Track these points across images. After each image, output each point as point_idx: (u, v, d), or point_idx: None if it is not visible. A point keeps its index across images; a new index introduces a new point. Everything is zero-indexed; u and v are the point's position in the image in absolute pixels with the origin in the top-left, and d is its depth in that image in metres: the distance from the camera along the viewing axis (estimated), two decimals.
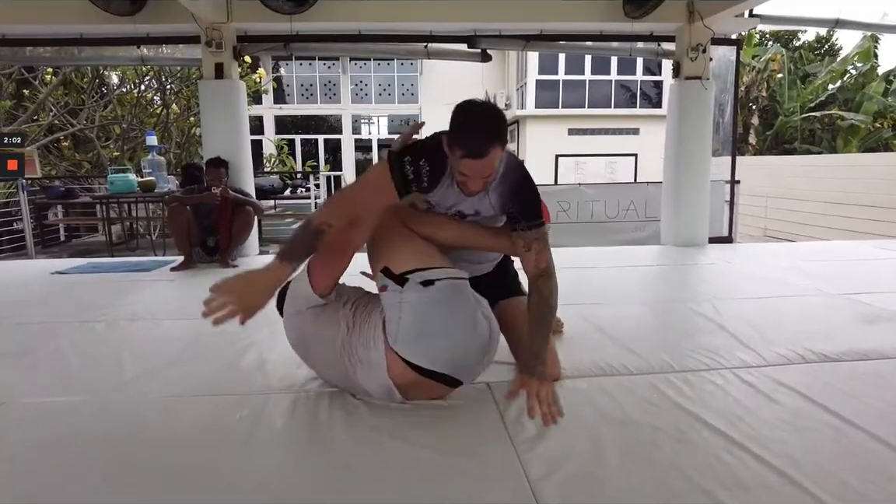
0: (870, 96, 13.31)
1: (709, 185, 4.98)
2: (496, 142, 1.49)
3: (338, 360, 1.67)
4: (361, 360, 1.63)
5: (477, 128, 1.49)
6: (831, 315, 2.66)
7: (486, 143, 1.47)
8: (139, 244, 6.93)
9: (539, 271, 1.68)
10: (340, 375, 1.72)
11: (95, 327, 2.63)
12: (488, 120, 1.50)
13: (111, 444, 1.54)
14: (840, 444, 1.49)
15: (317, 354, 1.76)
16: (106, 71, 10.03)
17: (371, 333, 1.62)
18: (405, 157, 1.60)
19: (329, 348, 1.68)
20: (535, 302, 1.68)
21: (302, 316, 1.73)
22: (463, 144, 1.48)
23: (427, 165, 1.59)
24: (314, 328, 1.71)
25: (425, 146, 1.63)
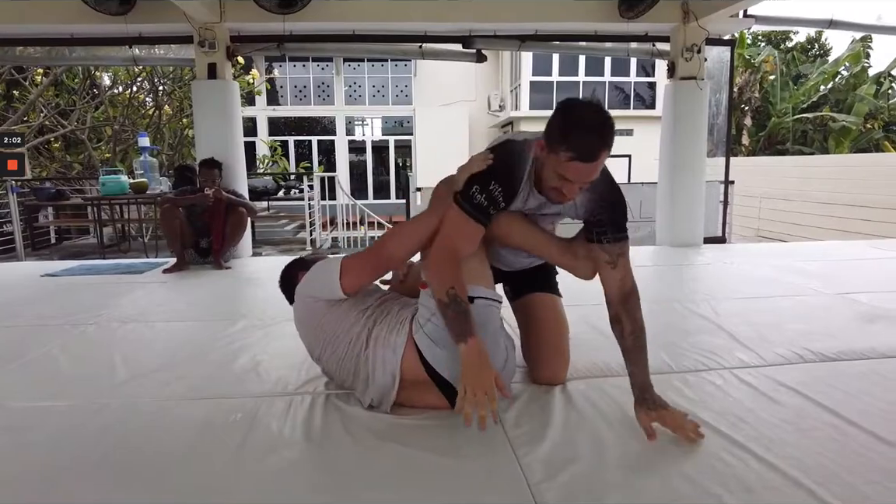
0: (861, 97, 13.43)
1: (704, 185, 4.98)
2: (607, 145, 1.39)
3: (349, 339, 1.65)
4: (379, 338, 1.62)
5: (591, 129, 1.38)
6: (828, 314, 2.66)
7: (599, 146, 1.38)
8: (131, 246, 6.88)
9: (625, 292, 1.58)
10: (341, 359, 1.68)
11: (86, 330, 2.59)
12: (601, 121, 1.39)
13: (103, 448, 1.51)
14: (843, 444, 1.47)
15: (325, 329, 1.70)
16: (97, 72, 9.95)
17: (400, 319, 1.64)
18: (472, 188, 1.53)
19: (343, 324, 1.66)
20: (630, 330, 1.56)
21: (316, 300, 1.72)
22: (574, 146, 1.37)
23: (499, 186, 1.53)
24: (328, 305, 1.69)
25: (492, 165, 1.55)
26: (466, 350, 1.44)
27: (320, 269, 1.72)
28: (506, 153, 1.57)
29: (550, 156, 1.44)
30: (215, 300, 3.27)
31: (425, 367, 1.58)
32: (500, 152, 1.58)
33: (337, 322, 1.68)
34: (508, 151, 1.57)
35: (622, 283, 1.58)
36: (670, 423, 1.46)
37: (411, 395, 1.64)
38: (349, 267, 1.65)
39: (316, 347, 1.76)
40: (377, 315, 1.67)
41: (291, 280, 1.88)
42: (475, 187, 1.53)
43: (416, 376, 1.59)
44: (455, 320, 1.46)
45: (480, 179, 1.53)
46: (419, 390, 1.62)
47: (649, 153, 7.67)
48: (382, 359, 1.61)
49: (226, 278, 3.87)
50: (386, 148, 18.44)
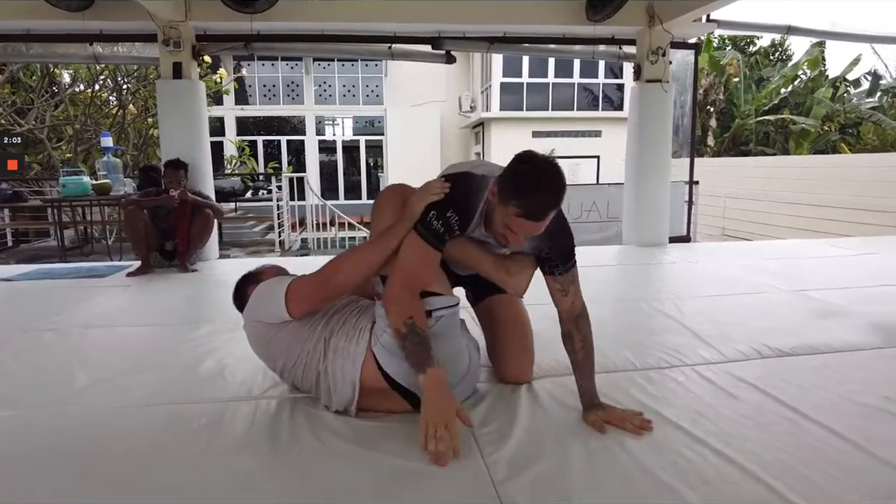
0: (818, 100, 13.88)
1: (669, 185, 5.08)
2: (558, 206, 1.46)
3: (305, 351, 1.63)
4: (338, 349, 1.60)
5: (544, 191, 1.43)
6: (786, 311, 2.74)
7: (549, 209, 1.44)
8: (94, 249, 6.69)
9: (576, 314, 1.67)
10: (301, 372, 1.66)
11: (44, 336, 2.52)
12: (556, 185, 1.44)
13: (62, 458, 1.47)
14: (797, 437, 1.52)
15: (278, 347, 1.68)
16: (57, 69, 9.65)
17: (358, 329, 1.62)
18: (430, 214, 1.55)
19: (296, 340, 1.64)
20: (581, 346, 1.66)
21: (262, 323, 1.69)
22: (524, 205, 1.42)
23: (456, 215, 1.56)
24: (277, 325, 1.66)
25: (449, 194, 1.57)
26: (426, 381, 1.43)
27: (266, 294, 1.66)
28: (465, 184, 1.60)
29: (500, 206, 1.48)
30: (181, 304, 3.21)
31: (385, 377, 1.57)
32: (461, 183, 1.60)
33: (289, 339, 1.65)
34: (468, 184, 1.60)
35: (573, 306, 1.67)
36: (617, 421, 1.56)
37: (374, 402, 1.63)
38: (297, 294, 1.60)
39: (272, 363, 1.74)
40: (333, 324, 1.64)
41: (244, 295, 1.81)
42: (433, 213, 1.55)
43: (377, 385, 1.59)
44: (414, 352, 1.45)
45: (438, 207, 1.56)
46: (381, 398, 1.61)
47: (617, 154, 7.81)
48: (342, 369, 1.59)
49: (192, 281, 3.80)
50: (357, 148, 18.35)
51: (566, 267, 1.66)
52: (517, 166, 1.47)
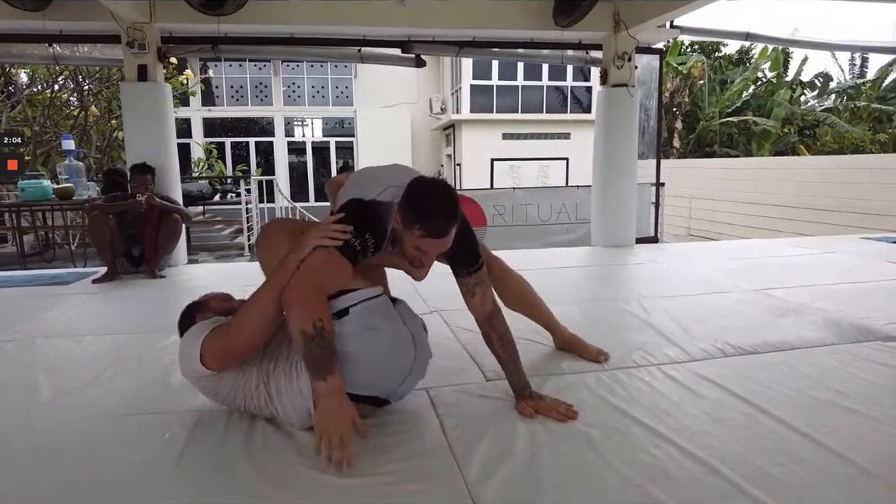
0: (778, 103, 14.33)
1: (636, 187, 5.20)
2: (455, 221, 1.57)
3: (249, 395, 1.59)
4: (281, 391, 1.55)
5: (439, 212, 1.54)
6: (747, 310, 2.85)
7: (449, 225, 1.56)
8: (56, 255, 6.51)
9: (488, 313, 1.77)
10: (254, 409, 1.64)
11: (5, 347, 2.45)
12: (449, 203, 1.56)
13: (26, 472, 1.44)
14: (754, 431, 1.60)
15: (220, 393, 1.64)
16: (13, 69, 9.34)
17: (293, 363, 1.55)
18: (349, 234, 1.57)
19: (235, 385, 1.59)
20: (500, 344, 1.77)
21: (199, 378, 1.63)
22: (426, 227, 1.53)
23: (372, 238, 1.62)
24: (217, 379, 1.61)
25: (364, 219, 1.62)
26: (326, 389, 1.38)
27: (186, 351, 1.59)
28: (376, 211, 1.65)
29: (406, 231, 1.57)
30: (149, 311, 3.15)
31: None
32: (373, 210, 1.65)
33: (230, 385, 1.60)
34: (378, 211, 1.65)
35: (483, 306, 1.77)
36: (544, 409, 1.69)
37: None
38: (211, 355, 1.53)
39: (227, 404, 1.69)
40: (266, 366, 1.58)
41: (190, 325, 1.71)
42: (352, 232, 1.56)
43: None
44: (318, 357, 1.39)
45: (356, 229, 1.58)
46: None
47: (586, 155, 7.94)
48: (293, 406, 1.55)
49: (160, 288, 3.74)
50: (327, 149, 18.22)
51: (472, 269, 1.76)
52: (413, 194, 1.57)
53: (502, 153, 16.22)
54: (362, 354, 1.52)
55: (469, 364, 2.12)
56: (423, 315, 2.68)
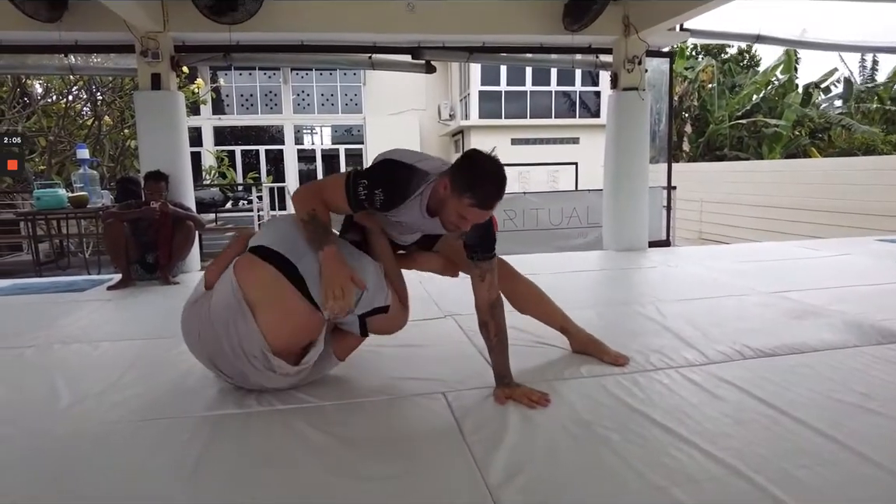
0: (789, 105, 14.23)
1: (647, 191, 5.17)
2: (502, 196, 1.68)
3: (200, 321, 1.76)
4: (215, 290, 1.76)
5: (493, 183, 1.64)
6: (764, 312, 2.82)
7: (496, 199, 1.66)
8: (70, 262, 6.57)
9: (491, 301, 1.86)
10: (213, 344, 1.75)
11: (24, 353, 2.47)
12: (501, 178, 1.66)
13: (48, 477, 1.45)
14: (776, 433, 1.57)
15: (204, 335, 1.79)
16: (28, 80, 9.48)
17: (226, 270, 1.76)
18: (362, 179, 1.70)
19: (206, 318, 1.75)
20: (495, 333, 1.86)
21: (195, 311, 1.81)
22: (477, 196, 1.62)
23: (382, 195, 1.70)
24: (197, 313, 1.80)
25: (387, 178, 1.73)
26: (324, 255, 1.66)
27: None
28: (404, 175, 1.75)
29: (454, 198, 1.65)
30: (164, 317, 3.16)
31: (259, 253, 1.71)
32: (400, 172, 1.75)
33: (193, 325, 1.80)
34: (406, 175, 1.75)
35: (489, 293, 1.86)
36: (518, 396, 1.79)
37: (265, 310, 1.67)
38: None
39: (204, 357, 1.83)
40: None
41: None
42: (363, 182, 1.70)
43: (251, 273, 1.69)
44: (314, 233, 1.69)
45: (372, 180, 1.71)
46: (268, 295, 1.67)
47: (595, 160, 7.91)
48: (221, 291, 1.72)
49: (174, 294, 3.75)
50: (336, 156, 18.31)
51: (487, 255, 1.85)
52: (467, 164, 1.66)
53: (511, 159, 16.16)
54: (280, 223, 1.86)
55: (485, 368, 2.11)
56: (436, 319, 2.70)
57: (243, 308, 1.65)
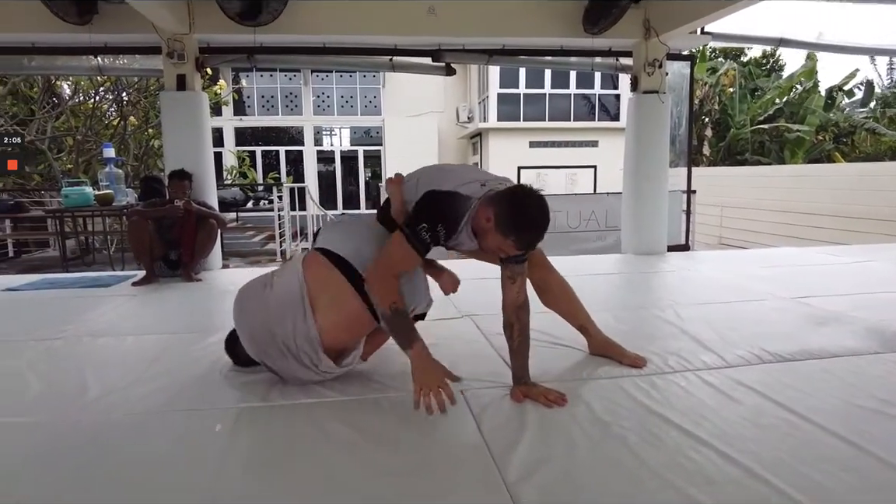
0: (812, 110, 14.02)
1: (667, 195, 5.15)
2: (544, 237, 1.73)
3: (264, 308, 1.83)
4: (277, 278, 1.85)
5: (537, 229, 1.69)
6: (784, 318, 2.79)
7: (538, 240, 1.73)
8: (95, 259, 6.72)
9: (519, 303, 1.87)
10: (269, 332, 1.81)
11: (54, 345, 2.55)
12: (546, 223, 1.70)
13: (77, 466, 1.50)
14: (796, 437, 1.57)
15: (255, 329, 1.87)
16: (57, 81, 9.71)
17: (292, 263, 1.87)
18: (420, 225, 1.72)
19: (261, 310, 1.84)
20: (518, 334, 1.88)
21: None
22: (521, 241, 1.70)
23: (443, 228, 1.74)
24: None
25: (440, 212, 1.75)
26: (414, 354, 1.70)
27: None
28: (454, 204, 1.77)
29: (497, 234, 1.69)
30: (188, 313, 3.24)
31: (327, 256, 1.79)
32: (450, 202, 1.77)
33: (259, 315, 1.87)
34: (456, 204, 1.77)
35: (519, 295, 1.88)
36: (536, 395, 1.81)
37: (326, 313, 1.75)
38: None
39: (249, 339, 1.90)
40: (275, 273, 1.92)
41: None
42: (424, 225, 1.71)
43: (317, 273, 1.76)
44: (401, 330, 1.71)
45: (430, 220, 1.72)
46: (333, 296, 1.75)
47: (614, 163, 7.90)
48: (283, 279, 1.81)
49: (197, 291, 3.83)
50: (355, 158, 18.43)
51: (521, 258, 1.85)
52: (516, 205, 1.68)
53: (529, 161, 16.21)
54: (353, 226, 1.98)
55: (503, 368, 2.12)
56: (454, 319, 2.72)
57: (306, 305, 1.74)
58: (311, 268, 1.81)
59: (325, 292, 1.77)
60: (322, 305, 1.76)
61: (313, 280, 1.78)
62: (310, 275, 1.79)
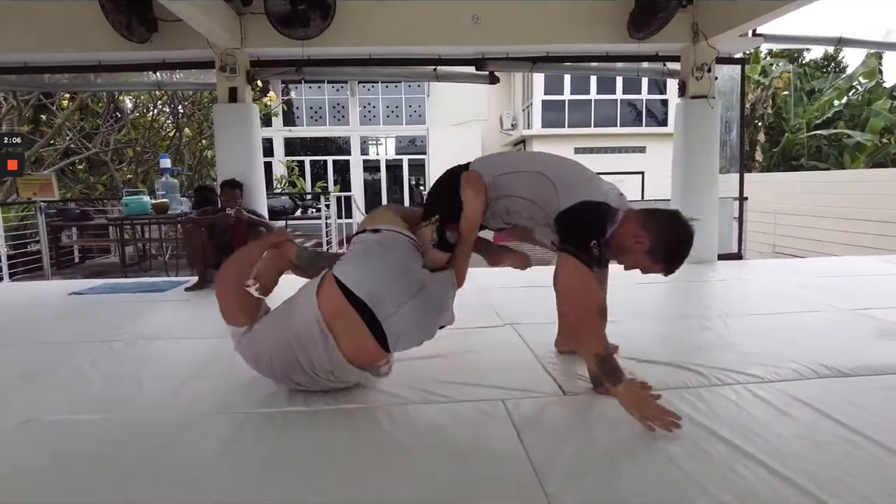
0: (876, 112, 13.34)
1: (717, 202, 5.00)
2: None
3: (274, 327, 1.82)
4: (295, 302, 1.82)
5: (685, 258, 1.79)
6: (844, 330, 2.66)
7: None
8: (151, 265, 7.01)
9: (553, 283, 1.78)
10: (281, 356, 1.81)
11: (114, 346, 2.68)
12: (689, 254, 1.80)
13: (134, 460, 1.57)
14: (858, 458, 1.49)
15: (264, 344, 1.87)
16: (120, 96, 10.24)
17: (314, 281, 1.81)
18: (591, 241, 1.72)
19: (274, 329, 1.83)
20: (560, 313, 1.95)
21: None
22: (670, 269, 1.81)
23: (605, 238, 1.78)
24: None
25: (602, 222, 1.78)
26: (623, 388, 1.63)
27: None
28: (607, 216, 1.80)
29: (646, 258, 1.79)
30: None
31: (340, 287, 1.71)
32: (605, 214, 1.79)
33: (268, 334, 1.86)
34: (608, 215, 1.80)
35: (553, 278, 1.78)
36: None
37: (344, 341, 1.72)
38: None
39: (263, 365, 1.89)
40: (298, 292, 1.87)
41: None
42: (594, 243, 1.72)
43: (334, 305, 1.71)
44: (612, 370, 1.65)
45: (598, 235, 1.74)
46: (348, 332, 1.71)
47: (662, 170, 7.70)
48: (298, 309, 1.77)
49: None
50: (400, 167, 18.63)
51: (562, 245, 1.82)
52: (676, 236, 1.78)
53: None
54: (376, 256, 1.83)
55: (544, 377, 2.11)
56: (496, 328, 2.71)
57: (326, 334, 1.72)
58: (326, 304, 1.73)
59: (338, 321, 1.72)
60: (339, 332, 1.72)
61: (326, 308, 1.73)
62: (325, 310, 1.72)
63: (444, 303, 1.86)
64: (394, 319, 1.71)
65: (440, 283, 1.85)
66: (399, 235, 1.86)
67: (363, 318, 1.70)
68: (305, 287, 1.83)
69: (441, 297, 1.85)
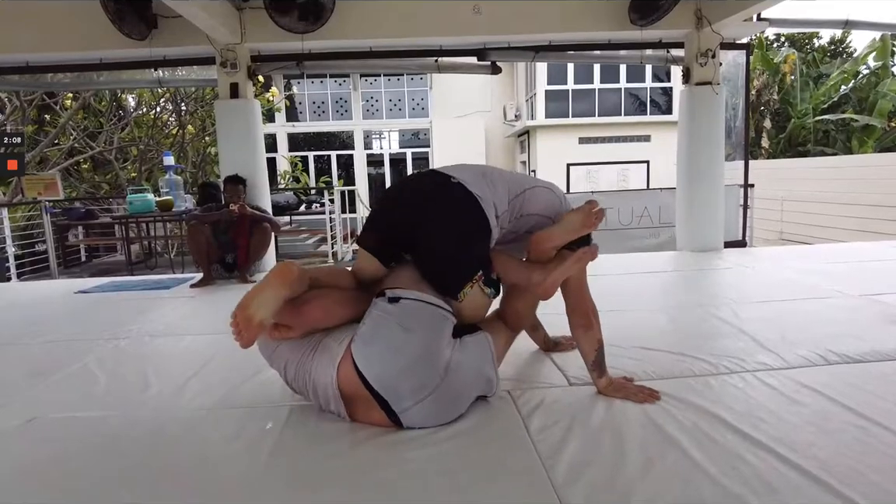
0: (884, 94, 13.16)
1: (723, 189, 4.96)
2: None
3: (302, 351, 1.67)
4: (325, 348, 1.64)
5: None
6: (853, 316, 2.64)
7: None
8: (157, 262, 7.03)
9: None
10: (295, 371, 1.70)
11: (120, 344, 2.68)
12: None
13: (140, 457, 1.57)
14: (868, 444, 1.47)
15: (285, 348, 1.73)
16: (123, 94, 10.25)
17: (348, 330, 1.66)
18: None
19: (300, 342, 1.69)
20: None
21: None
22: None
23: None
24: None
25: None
26: (607, 380, 1.84)
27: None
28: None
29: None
30: None
31: (359, 376, 1.57)
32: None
33: (293, 342, 1.69)
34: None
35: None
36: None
37: (358, 412, 1.66)
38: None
39: (278, 365, 1.77)
40: (332, 329, 1.69)
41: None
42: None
43: (353, 387, 1.60)
44: (602, 361, 1.84)
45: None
46: (363, 407, 1.63)
47: (667, 158, 7.66)
48: (323, 367, 1.62)
49: None
50: (403, 160, 18.59)
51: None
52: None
53: (578, 158, 15.94)
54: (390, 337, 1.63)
55: (552, 369, 2.10)
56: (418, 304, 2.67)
57: (340, 402, 1.66)
58: (343, 375, 1.61)
59: (355, 399, 1.64)
60: (354, 407, 1.66)
61: (344, 387, 1.63)
62: (341, 380, 1.62)
63: (479, 374, 1.69)
64: (413, 411, 1.60)
65: (473, 352, 1.69)
66: (422, 305, 1.66)
67: (380, 405, 1.60)
68: (331, 344, 1.65)
69: (471, 373, 1.67)
